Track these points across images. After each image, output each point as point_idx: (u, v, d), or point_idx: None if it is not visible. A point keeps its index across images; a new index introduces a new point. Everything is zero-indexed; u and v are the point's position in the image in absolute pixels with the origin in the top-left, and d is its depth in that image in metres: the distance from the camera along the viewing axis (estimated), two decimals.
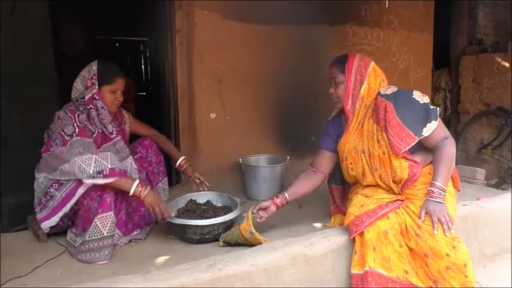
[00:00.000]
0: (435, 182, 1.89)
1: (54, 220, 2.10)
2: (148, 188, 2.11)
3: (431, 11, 4.30)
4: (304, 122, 3.48)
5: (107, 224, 2.03)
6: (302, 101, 3.46)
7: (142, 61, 6.66)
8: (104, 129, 2.28)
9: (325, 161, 2.27)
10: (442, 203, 1.86)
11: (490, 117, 4.68)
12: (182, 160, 2.60)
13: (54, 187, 2.12)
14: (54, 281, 1.81)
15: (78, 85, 2.26)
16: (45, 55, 2.52)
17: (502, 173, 4.35)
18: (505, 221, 2.45)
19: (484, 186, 3.75)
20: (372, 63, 2.13)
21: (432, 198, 1.87)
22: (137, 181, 2.10)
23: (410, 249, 1.86)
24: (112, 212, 2.06)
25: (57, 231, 2.22)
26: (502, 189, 3.79)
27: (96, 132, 2.25)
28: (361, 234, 1.88)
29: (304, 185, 2.26)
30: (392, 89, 2.06)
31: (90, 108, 2.22)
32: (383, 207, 1.92)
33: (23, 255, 2.06)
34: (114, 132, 2.31)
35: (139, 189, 2.07)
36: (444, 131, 1.97)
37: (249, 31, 3.26)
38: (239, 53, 3.25)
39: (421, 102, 1.97)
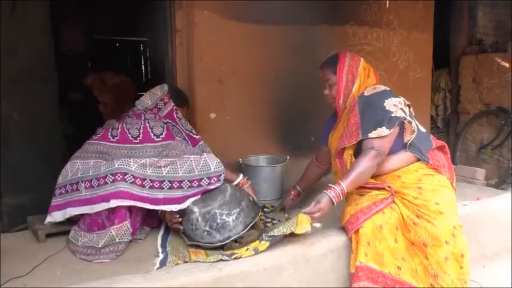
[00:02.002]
0: (341, 182, 1.88)
1: (64, 214, 2.12)
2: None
3: (431, 11, 4.30)
4: (304, 122, 3.48)
5: (121, 232, 2.06)
6: (302, 101, 3.45)
7: (142, 61, 6.64)
8: (190, 133, 2.49)
9: (324, 156, 2.40)
10: (332, 203, 1.86)
11: (490, 117, 4.68)
12: None
13: (86, 184, 2.11)
14: (54, 280, 1.81)
15: (146, 99, 2.47)
16: (45, 55, 2.52)
17: (502, 173, 4.36)
18: (505, 221, 2.45)
19: (484, 186, 3.75)
20: (362, 61, 2.16)
21: (329, 193, 1.86)
22: (241, 175, 2.46)
23: (410, 244, 1.86)
24: (127, 222, 2.09)
25: (57, 231, 2.23)
26: (502, 189, 3.79)
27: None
28: (357, 231, 1.88)
29: (310, 177, 2.56)
30: (375, 90, 2.07)
31: (168, 121, 2.43)
32: (377, 203, 1.93)
33: (23, 255, 2.06)
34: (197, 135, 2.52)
35: (243, 180, 2.43)
36: (380, 143, 1.93)
37: (249, 31, 3.25)
38: (239, 53, 3.25)
39: (387, 108, 1.96)
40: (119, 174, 2.05)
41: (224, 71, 3.21)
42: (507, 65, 4.50)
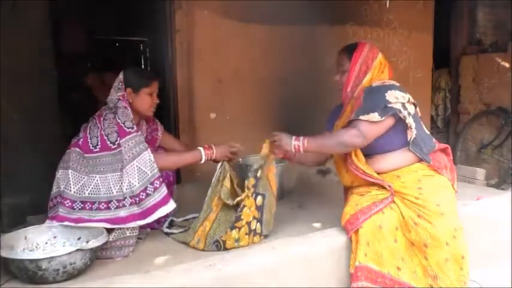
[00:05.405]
0: (307, 138, 1.98)
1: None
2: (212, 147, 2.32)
3: (431, 11, 4.30)
4: (304, 122, 3.47)
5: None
6: (302, 101, 3.46)
7: (143, 61, 6.64)
8: (122, 125, 2.13)
9: None
10: (290, 147, 1.99)
11: (490, 117, 4.68)
12: (204, 151, 2.34)
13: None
14: None
15: (112, 95, 2.23)
16: (45, 55, 2.52)
17: (502, 173, 4.36)
18: (505, 221, 2.45)
19: (484, 186, 3.75)
20: (380, 55, 2.14)
21: (293, 139, 1.98)
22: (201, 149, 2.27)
23: (410, 244, 1.86)
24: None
25: None
26: (502, 189, 3.79)
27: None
28: (357, 231, 1.88)
29: (309, 158, 2.44)
30: (383, 83, 2.06)
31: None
32: (377, 203, 1.93)
33: None
34: (134, 128, 2.14)
35: (208, 152, 2.28)
36: (366, 127, 1.92)
37: (249, 31, 3.26)
38: (239, 53, 3.25)
39: (386, 98, 1.94)
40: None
41: (224, 70, 3.21)
42: (507, 65, 4.51)
